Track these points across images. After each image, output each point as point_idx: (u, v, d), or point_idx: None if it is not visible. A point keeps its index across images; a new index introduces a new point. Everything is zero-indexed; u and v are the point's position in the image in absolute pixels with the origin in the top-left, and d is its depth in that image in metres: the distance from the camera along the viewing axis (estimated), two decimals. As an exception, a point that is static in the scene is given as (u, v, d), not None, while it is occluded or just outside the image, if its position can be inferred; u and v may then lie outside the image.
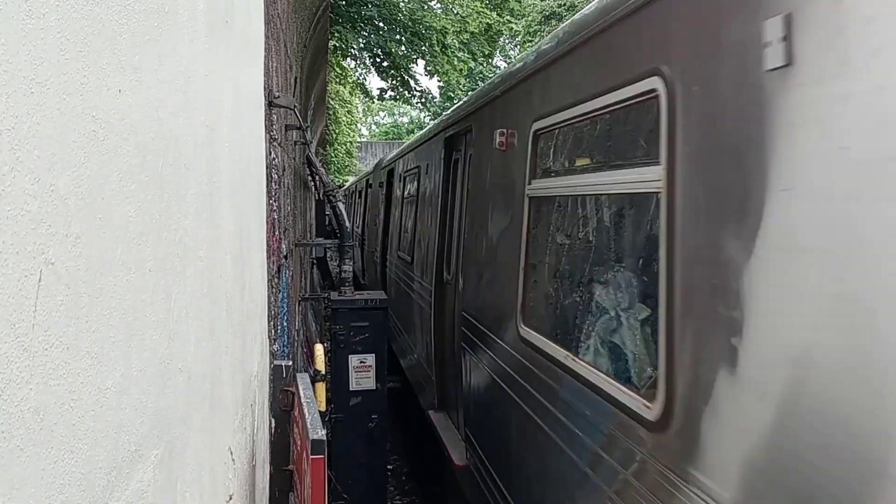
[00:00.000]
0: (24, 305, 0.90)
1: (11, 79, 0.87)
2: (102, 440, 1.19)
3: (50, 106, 0.98)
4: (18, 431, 0.88)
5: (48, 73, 0.98)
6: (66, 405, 1.03)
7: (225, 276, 2.55)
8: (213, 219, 2.32)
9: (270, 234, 4.33)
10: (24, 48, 0.90)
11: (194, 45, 2.00)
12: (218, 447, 2.35)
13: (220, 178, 2.44)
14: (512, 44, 37.10)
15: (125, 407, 1.32)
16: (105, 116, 1.20)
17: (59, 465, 1.01)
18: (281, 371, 4.19)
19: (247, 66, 3.33)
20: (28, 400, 0.90)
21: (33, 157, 0.93)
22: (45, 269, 0.96)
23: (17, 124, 0.88)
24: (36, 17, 0.93)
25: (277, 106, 4.70)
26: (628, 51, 2.88)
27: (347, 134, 29.37)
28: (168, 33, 1.67)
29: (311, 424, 2.83)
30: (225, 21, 2.58)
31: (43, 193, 0.96)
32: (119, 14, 1.28)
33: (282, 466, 4.01)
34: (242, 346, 3.00)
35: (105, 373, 1.20)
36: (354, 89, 24.20)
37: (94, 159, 1.15)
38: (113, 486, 1.23)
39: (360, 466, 6.92)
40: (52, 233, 0.98)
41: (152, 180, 1.52)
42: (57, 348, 0.99)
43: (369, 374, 7.02)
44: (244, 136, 3.20)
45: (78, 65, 1.08)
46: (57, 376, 0.99)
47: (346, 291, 7.34)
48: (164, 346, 1.64)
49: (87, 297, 1.12)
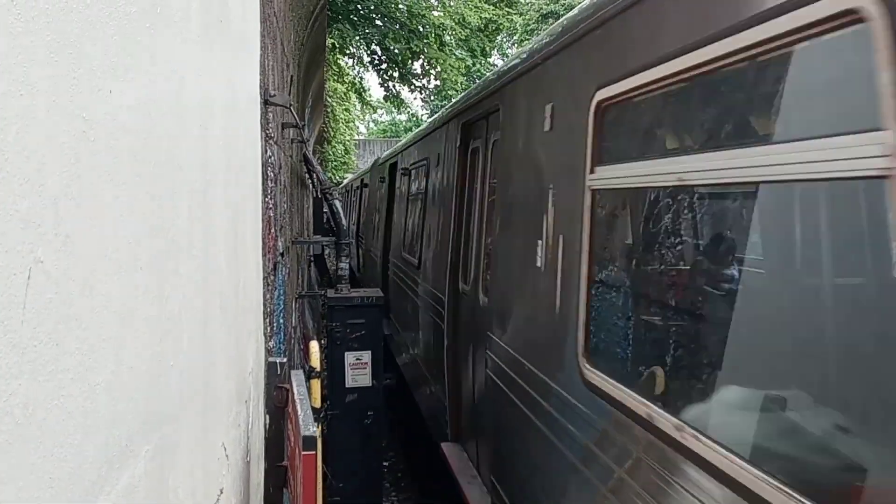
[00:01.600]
0: (13, 303, 0.92)
1: (0, 81, 0.89)
2: (93, 435, 1.21)
3: (39, 107, 1.00)
4: (7, 426, 0.90)
5: (38, 74, 0.99)
6: (55, 401, 1.05)
7: (219, 273, 2.57)
8: (207, 217, 2.33)
9: (266, 232, 4.35)
10: (13, 50, 0.92)
11: (187, 45, 2.02)
12: (211, 443, 2.37)
13: (213, 177, 2.45)
14: (510, 42, 37.12)
15: (116, 403, 1.34)
16: (95, 117, 1.22)
17: (49, 460, 1.03)
18: (276, 368, 4.21)
19: (242, 65, 3.34)
20: (17, 395, 0.92)
21: (22, 157, 0.95)
22: (35, 267, 0.98)
23: (5, 126, 0.90)
24: (25, 20, 0.95)
25: (273, 104, 4.71)
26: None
27: (345, 132, 29.38)
28: (160, 33, 1.69)
29: (303, 421, 2.85)
30: (219, 20, 2.59)
31: (32, 193, 0.98)
32: (110, 15, 1.30)
33: (276, 462, 4.03)
34: (237, 343, 3.02)
35: (95, 369, 1.22)
36: (350, 90, 24.21)
37: (84, 159, 1.17)
38: (104, 480, 1.25)
39: (356, 463, 6.95)
40: (41, 232, 1.00)
41: (144, 179, 1.54)
42: (46, 345, 1.01)
43: (365, 370, 7.05)
44: (239, 135, 3.21)
45: (68, 66, 1.10)
46: (46, 372, 1.01)
47: (343, 289, 7.36)
48: (157, 343, 1.65)
49: (77, 294, 1.14)
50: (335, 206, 7.91)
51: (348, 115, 29.24)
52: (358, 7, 16.17)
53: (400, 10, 16.83)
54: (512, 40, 36.62)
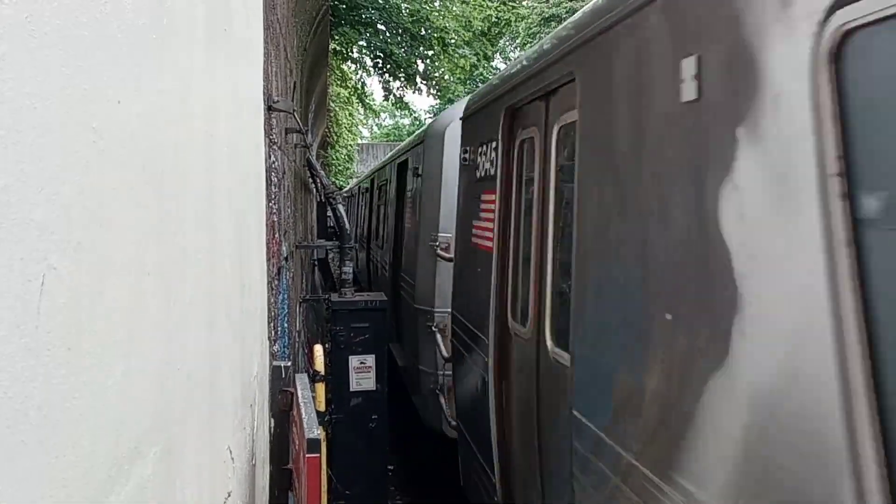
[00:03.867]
0: (27, 308, 0.95)
1: (17, 95, 0.92)
2: (103, 437, 1.24)
3: (53, 119, 1.04)
4: (23, 427, 0.93)
5: (51, 87, 1.03)
6: (68, 403, 1.08)
7: (224, 278, 2.60)
8: (212, 222, 2.37)
9: (270, 237, 4.38)
10: (30, 65, 0.96)
11: (193, 54, 2.05)
12: (217, 445, 2.40)
13: (218, 183, 2.49)
14: (512, 45, 37.17)
15: (125, 405, 1.37)
16: (105, 126, 1.26)
17: (62, 460, 1.06)
18: (280, 372, 4.24)
19: (245, 72, 3.38)
20: (32, 398, 0.96)
21: (37, 167, 0.98)
22: (49, 273, 1.01)
23: (21, 138, 0.93)
24: (39, 36, 0.98)
25: (277, 110, 4.76)
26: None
27: (348, 136, 29.44)
28: (168, 44, 1.72)
29: (307, 424, 2.88)
30: (223, 28, 2.63)
31: (46, 202, 1.01)
32: (120, 28, 1.34)
33: (282, 465, 4.06)
34: (242, 347, 3.05)
35: (106, 372, 1.25)
36: (353, 94, 24.27)
37: (94, 168, 1.20)
38: (114, 480, 1.28)
39: (361, 466, 6.97)
40: (55, 239, 1.04)
41: (152, 187, 1.58)
42: (59, 348, 1.05)
43: (369, 374, 7.07)
44: (243, 141, 3.25)
45: (79, 78, 1.14)
46: (59, 375, 1.05)
47: (347, 293, 7.39)
48: (164, 347, 1.69)
49: (88, 299, 1.17)
50: (339, 210, 7.94)
51: (351, 120, 29.33)
52: (361, 14, 16.19)
53: (402, 14, 16.84)
54: (514, 44, 36.66)
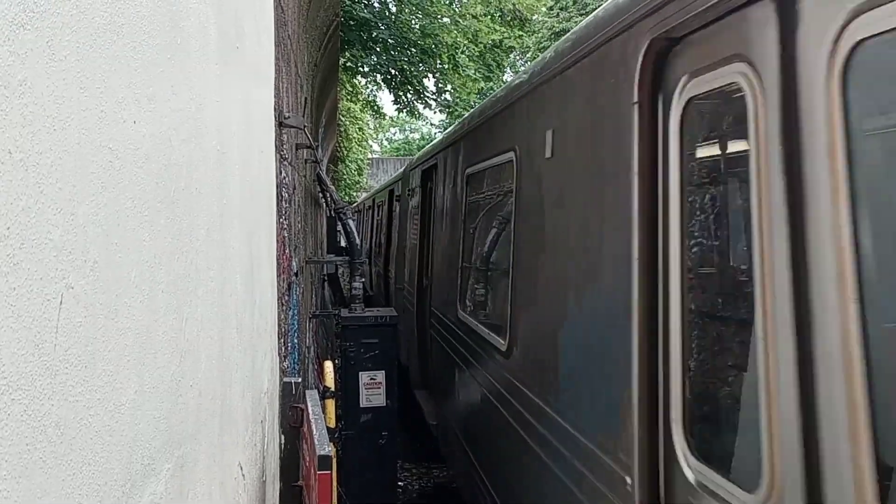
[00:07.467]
0: (46, 328, 0.97)
1: (36, 118, 0.94)
2: (118, 454, 1.25)
3: (70, 141, 1.06)
4: (41, 444, 0.94)
5: (69, 110, 1.05)
6: (84, 420, 1.09)
7: (235, 294, 2.62)
8: (224, 239, 2.39)
9: (281, 252, 4.40)
10: (48, 89, 0.98)
11: (206, 73, 2.08)
12: (228, 462, 2.41)
13: (230, 200, 2.51)
14: (522, 60, 37.33)
15: (139, 422, 1.38)
16: (121, 147, 1.28)
17: (78, 477, 1.07)
18: (290, 388, 4.25)
19: (257, 89, 3.41)
20: (50, 415, 0.97)
21: (56, 189, 1.00)
22: (66, 293, 1.03)
23: (40, 160, 0.95)
24: (58, 60, 1.00)
25: (287, 126, 4.79)
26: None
27: (358, 150, 29.56)
28: (181, 64, 1.75)
29: (318, 440, 2.88)
30: (235, 47, 2.66)
31: (64, 222, 1.03)
32: (135, 50, 1.36)
33: (292, 482, 4.06)
34: (252, 364, 3.06)
35: (120, 390, 1.27)
36: (365, 107, 24.42)
37: (110, 188, 1.22)
38: (127, 496, 1.29)
39: (371, 483, 6.95)
40: (72, 259, 1.05)
41: (165, 205, 1.60)
42: (76, 367, 1.06)
43: (379, 390, 7.06)
44: (254, 157, 3.28)
45: (96, 100, 1.16)
46: (76, 393, 1.06)
47: (357, 308, 7.40)
48: (176, 364, 1.70)
49: (103, 318, 1.19)
50: (349, 226, 7.97)
51: (361, 135, 29.46)
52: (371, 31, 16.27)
53: (413, 30, 16.94)
54: (525, 58, 36.81)
